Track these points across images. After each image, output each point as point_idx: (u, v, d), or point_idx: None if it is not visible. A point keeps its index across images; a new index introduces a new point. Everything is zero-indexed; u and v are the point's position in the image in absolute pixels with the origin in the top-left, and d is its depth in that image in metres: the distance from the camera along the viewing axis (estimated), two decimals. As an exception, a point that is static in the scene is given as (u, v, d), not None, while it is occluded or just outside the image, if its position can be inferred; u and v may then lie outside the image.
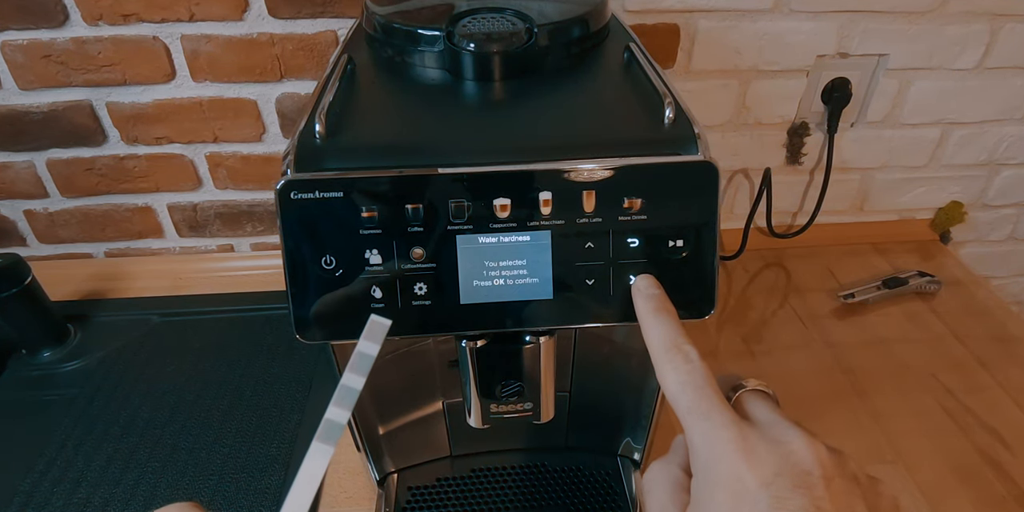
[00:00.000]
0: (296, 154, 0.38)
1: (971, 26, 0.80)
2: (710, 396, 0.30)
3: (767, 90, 0.84)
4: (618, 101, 0.45)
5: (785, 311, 0.84)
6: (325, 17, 0.74)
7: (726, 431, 0.29)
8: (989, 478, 0.63)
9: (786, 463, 0.28)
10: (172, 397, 0.71)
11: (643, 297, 0.37)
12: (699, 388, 0.31)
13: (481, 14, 0.49)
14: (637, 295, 0.38)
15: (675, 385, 0.31)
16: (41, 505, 0.61)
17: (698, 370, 0.31)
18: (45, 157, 0.83)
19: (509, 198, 0.38)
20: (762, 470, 0.28)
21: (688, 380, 0.31)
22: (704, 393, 0.30)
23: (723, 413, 0.30)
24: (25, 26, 0.73)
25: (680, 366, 0.32)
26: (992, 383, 0.73)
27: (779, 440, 0.29)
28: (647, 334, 0.35)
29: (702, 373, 0.31)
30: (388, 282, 0.39)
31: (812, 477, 0.27)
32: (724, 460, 0.28)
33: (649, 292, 0.37)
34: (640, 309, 0.37)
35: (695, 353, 0.32)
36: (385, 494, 0.59)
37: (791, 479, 0.27)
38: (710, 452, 0.29)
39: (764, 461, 0.28)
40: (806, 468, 0.28)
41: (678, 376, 0.31)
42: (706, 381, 0.31)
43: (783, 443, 0.29)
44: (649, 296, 0.37)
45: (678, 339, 0.33)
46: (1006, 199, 0.99)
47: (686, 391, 0.31)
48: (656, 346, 0.33)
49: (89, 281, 0.89)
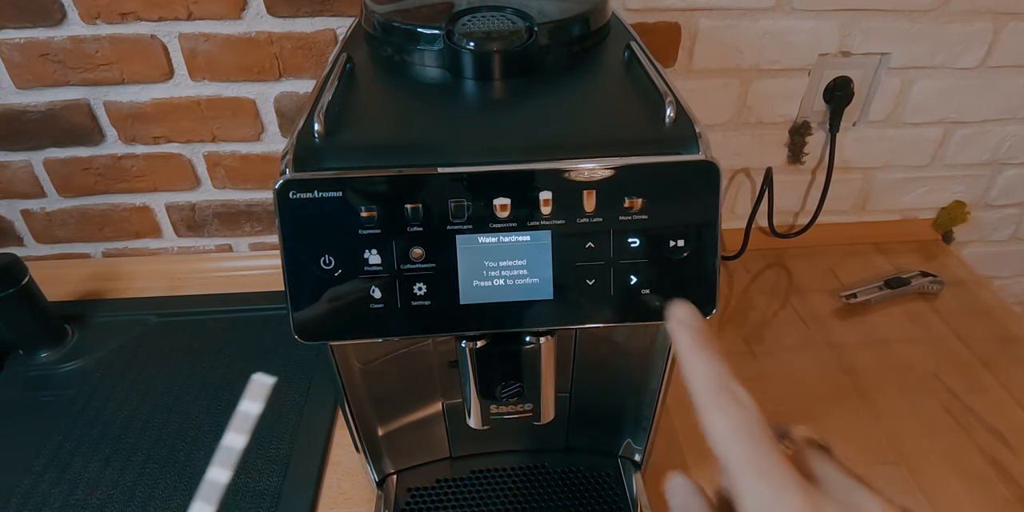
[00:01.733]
0: (295, 153, 0.38)
1: (974, 25, 0.80)
2: (768, 451, 0.26)
3: (768, 89, 0.83)
4: (619, 100, 0.45)
5: (787, 311, 0.84)
6: (324, 16, 0.74)
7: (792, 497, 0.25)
8: (991, 479, 0.63)
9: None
10: (170, 398, 0.71)
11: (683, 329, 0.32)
12: (755, 439, 0.26)
13: (481, 13, 0.49)
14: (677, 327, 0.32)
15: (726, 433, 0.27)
16: (39, 506, 0.60)
17: (752, 416, 0.27)
18: (42, 156, 0.83)
19: (509, 198, 0.38)
20: None
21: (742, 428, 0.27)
22: (760, 446, 0.26)
23: (785, 473, 0.26)
24: (22, 25, 0.73)
25: (731, 411, 0.27)
26: (995, 384, 0.73)
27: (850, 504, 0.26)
28: (689, 373, 0.30)
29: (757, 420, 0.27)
30: (387, 282, 0.38)
31: None
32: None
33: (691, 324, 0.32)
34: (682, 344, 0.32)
35: (747, 397, 0.28)
36: (384, 495, 0.59)
37: None
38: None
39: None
40: None
41: (729, 422, 0.27)
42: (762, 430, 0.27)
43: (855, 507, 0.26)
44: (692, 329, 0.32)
45: (727, 380, 0.29)
46: (1009, 199, 0.98)
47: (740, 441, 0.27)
48: (701, 387, 0.29)
49: (87, 281, 0.88)
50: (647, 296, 0.40)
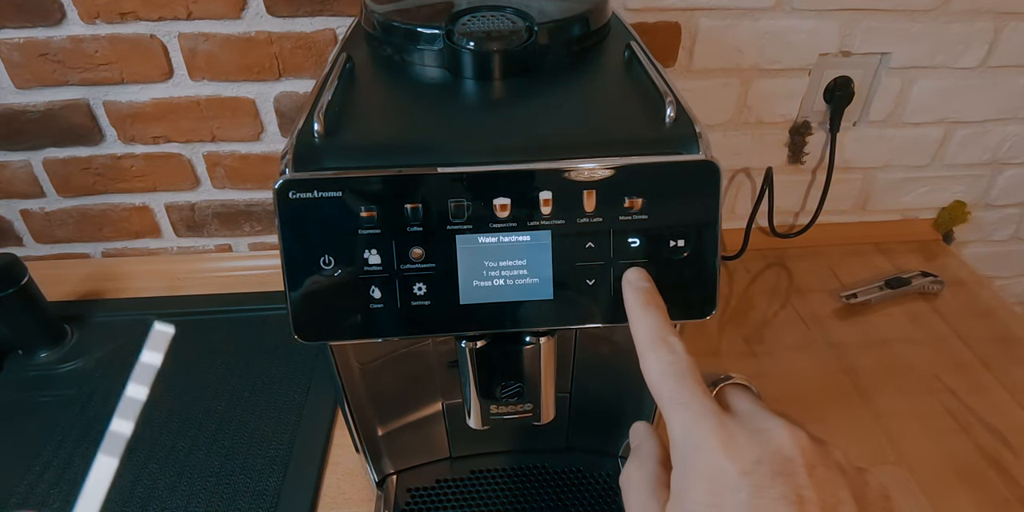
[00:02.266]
0: (294, 153, 0.38)
1: (974, 24, 0.79)
2: (691, 385, 0.30)
3: (769, 89, 0.83)
4: (619, 100, 0.45)
5: (787, 311, 0.84)
6: (324, 15, 0.74)
7: (706, 420, 0.29)
8: (992, 479, 0.63)
9: (766, 451, 0.27)
10: (169, 398, 0.71)
11: (632, 289, 0.37)
12: (681, 377, 0.30)
13: (481, 12, 0.49)
14: (627, 287, 0.37)
15: (657, 374, 0.31)
16: (38, 507, 0.60)
17: (682, 361, 0.31)
18: (42, 156, 0.83)
19: (509, 198, 0.37)
20: (742, 459, 0.27)
21: (671, 370, 0.31)
22: (685, 382, 0.30)
23: (703, 402, 0.29)
24: (22, 24, 0.72)
25: (664, 356, 0.31)
26: (995, 384, 0.73)
27: (760, 428, 0.28)
28: (634, 326, 0.34)
29: (686, 363, 0.31)
30: (387, 282, 0.38)
31: (793, 464, 0.27)
32: (703, 449, 0.28)
33: (639, 285, 0.37)
34: (629, 301, 0.36)
35: (680, 345, 0.32)
36: (384, 496, 0.59)
37: (772, 466, 0.27)
38: (689, 442, 0.29)
39: (744, 450, 0.27)
40: (787, 455, 0.27)
41: (661, 366, 0.31)
42: (689, 371, 0.30)
43: (763, 431, 0.28)
44: (639, 289, 0.36)
45: (664, 331, 0.33)
46: (1009, 199, 0.98)
47: (667, 380, 0.30)
48: (642, 337, 0.33)
49: (86, 281, 0.88)
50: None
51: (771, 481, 0.26)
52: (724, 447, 0.27)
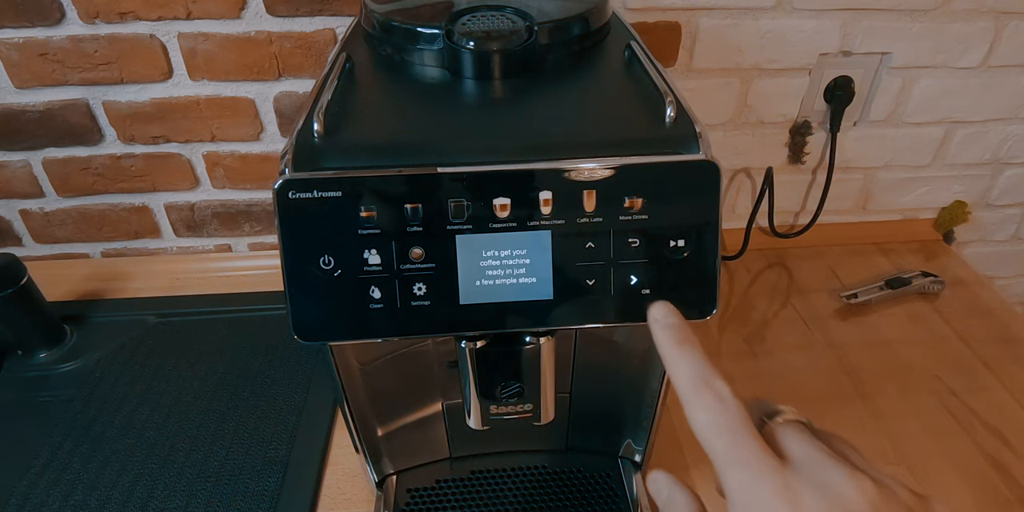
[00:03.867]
0: (294, 153, 0.38)
1: (975, 24, 0.79)
2: (747, 442, 0.28)
3: (769, 89, 0.83)
4: (619, 100, 0.45)
5: (787, 311, 0.84)
6: (323, 15, 0.74)
7: (768, 481, 0.27)
8: (993, 479, 0.63)
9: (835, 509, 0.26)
10: (169, 398, 0.71)
11: (661, 327, 0.34)
12: (734, 431, 0.28)
13: (481, 12, 0.49)
14: (655, 326, 0.34)
15: (707, 428, 0.29)
16: (38, 506, 0.60)
17: (732, 410, 0.29)
18: (41, 156, 0.83)
19: (509, 197, 0.37)
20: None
21: (722, 422, 0.28)
22: (740, 438, 0.28)
23: (763, 460, 0.27)
24: (21, 24, 0.72)
25: (712, 406, 0.29)
26: (996, 384, 0.73)
27: (823, 482, 0.27)
28: (672, 369, 0.32)
29: (737, 413, 0.28)
30: (387, 282, 0.38)
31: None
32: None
33: (668, 322, 0.34)
34: (660, 341, 0.33)
35: (727, 390, 0.29)
36: (384, 496, 0.59)
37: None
38: (751, 505, 0.27)
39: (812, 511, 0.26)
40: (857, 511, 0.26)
41: (711, 417, 0.29)
42: (742, 423, 0.28)
43: (828, 486, 0.26)
44: (668, 326, 0.33)
45: (707, 374, 0.30)
46: (1010, 198, 0.98)
47: (721, 435, 0.28)
48: (683, 383, 0.30)
49: (85, 281, 0.88)
50: (647, 296, 0.40)
51: None
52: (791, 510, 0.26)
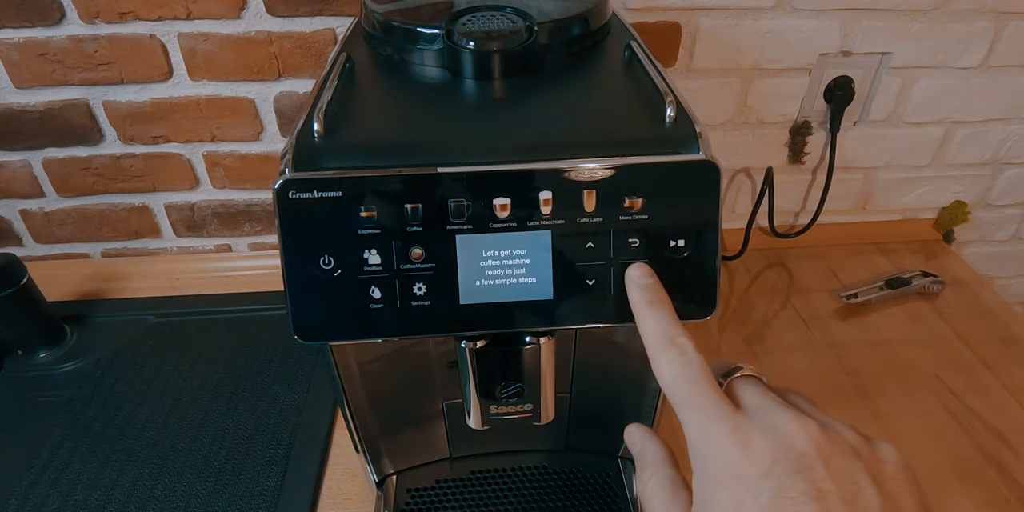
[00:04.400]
0: (294, 153, 0.38)
1: (975, 24, 0.79)
2: (705, 389, 0.30)
3: (769, 89, 0.83)
4: (619, 100, 0.45)
5: (787, 311, 0.84)
6: (323, 15, 0.74)
7: (721, 425, 0.29)
8: (993, 479, 0.63)
9: (781, 449, 0.27)
10: (169, 398, 0.71)
11: (636, 287, 0.36)
12: (694, 381, 0.30)
13: (481, 12, 0.48)
14: (630, 285, 0.37)
15: (670, 379, 0.31)
16: (38, 506, 0.60)
17: (693, 363, 0.31)
18: (41, 156, 0.83)
19: (509, 197, 0.37)
20: (759, 461, 0.27)
21: (683, 373, 0.31)
22: (699, 387, 0.30)
23: (717, 405, 0.29)
24: (21, 24, 0.72)
25: (675, 359, 0.31)
26: (996, 384, 0.73)
27: (772, 426, 0.28)
28: (641, 326, 0.34)
29: (698, 366, 0.31)
30: (387, 282, 0.38)
31: (809, 459, 0.27)
32: (721, 455, 0.28)
33: (642, 282, 0.36)
34: (634, 300, 0.36)
35: (690, 345, 0.32)
36: (384, 496, 0.59)
37: (788, 465, 0.27)
38: (707, 447, 0.29)
39: (760, 451, 0.28)
40: (801, 451, 0.27)
41: (673, 369, 0.31)
42: (701, 374, 0.30)
43: (776, 428, 0.28)
44: (642, 287, 0.36)
45: (672, 331, 0.33)
46: (1010, 198, 0.98)
47: (681, 385, 0.30)
48: (651, 339, 0.33)
49: (86, 281, 0.88)
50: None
51: (790, 480, 0.27)
52: (741, 451, 0.28)
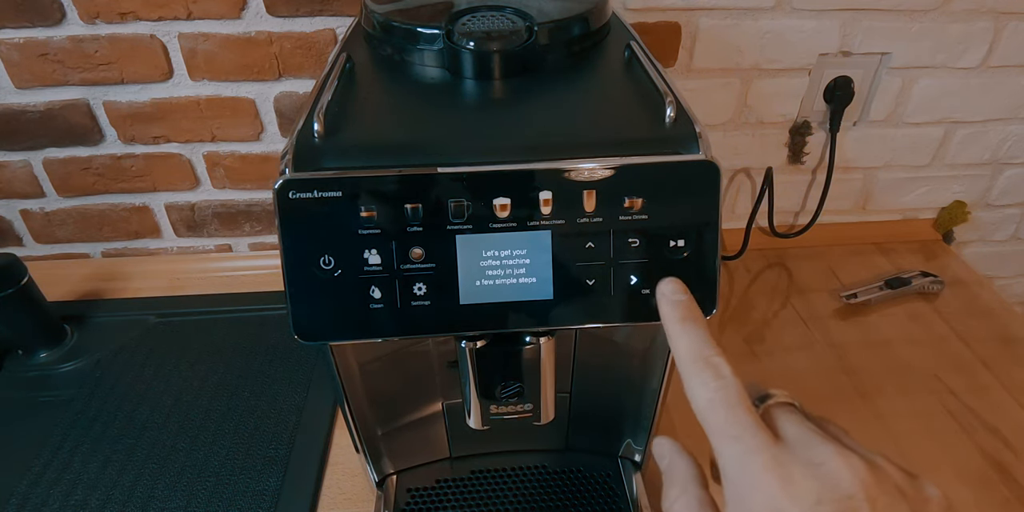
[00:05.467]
0: (294, 153, 0.38)
1: (975, 24, 0.79)
2: (742, 416, 0.28)
3: (769, 89, 0.83)
4: (619, 100, 0.45)
5: (787, 311, 0.84)
6: (324, 15, 0.74)
7: (759, 456, 0.27)
8: (993, 479, 0.63)
9: (826, 489, 0.26)
10: (169, 398, 0.71)
11: (668, 303, 0.34)
12: (731, 407, 0.28)
13: (481, 12, 0.49)
14: (662, 300, 0.35)
15: (704, 402, 0.29)
16: (38, 506, 0.60)
17: (730, 386, 0.29)
18: (41, 156, 0.83)
19: (509, 198, 0.37)
20: (802, 499, 0.26)
21: (718, 398, 0.29)
22: (735, 413, 0.28)
23: (756, 435, 0.28)
24: (21, 24, 0.72)
25: (709, 382, 0.29)
26: (996, 384, 0.73)
27: (815, 462, 0.27)
28: (674, 344, 0.32)
29: (735, 390, 0.29)
30: (387, 282, 0.38)
31: (855, 501, 0.26)
32: (760, 489, 0.27)
33: (675, 298, 0.34)
34: (665, 316, 0.34)
35: (727, 368, 0.30)
36: (384, 496, 0.59)
37: (833, 505, 0.26)
38: (744, 479, 0.27)
39: (803, 488, 0.26)
40: (848, 492, 0.26)
41: (707, 393, 0.29)
42: (739, 399, 0.29)
43: (819, 465, 0.27)
44: (675, 303, 0.34)
45: (707, 350, 0.30)
46: (1010, 199, 0.98)
47: (717, 410, 0.29)
48: (683, 358, 0.31)
49: (86, 281, 0.88)
50: (647, 296, 0.40)
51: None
52: (782, 486, 0.26)
